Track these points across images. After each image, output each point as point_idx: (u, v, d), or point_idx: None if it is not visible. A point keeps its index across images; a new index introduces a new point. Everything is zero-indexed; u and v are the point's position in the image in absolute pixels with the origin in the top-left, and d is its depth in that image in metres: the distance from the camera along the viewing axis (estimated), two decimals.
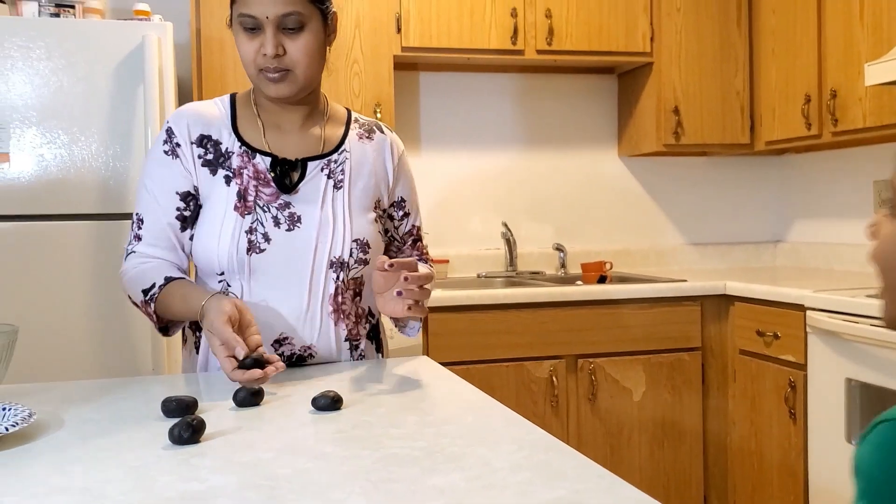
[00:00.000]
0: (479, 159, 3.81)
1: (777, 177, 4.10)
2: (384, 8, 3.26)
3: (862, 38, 2.96)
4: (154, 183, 1.58)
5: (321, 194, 1.59)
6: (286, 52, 1.51)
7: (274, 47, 1.50)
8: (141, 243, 1.58)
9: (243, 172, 1.57)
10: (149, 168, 1.59)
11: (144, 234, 1.58)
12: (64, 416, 1.22)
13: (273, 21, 1.49)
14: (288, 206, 1.57)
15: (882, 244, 0.92)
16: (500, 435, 1.10)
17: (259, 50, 1.51)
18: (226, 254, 1.52)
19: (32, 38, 2.58)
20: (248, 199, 1.55)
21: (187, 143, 1.57)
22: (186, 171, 1.57)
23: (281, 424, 1.17)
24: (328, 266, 1.57)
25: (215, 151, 1.58)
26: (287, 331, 1.56)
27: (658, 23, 3.54)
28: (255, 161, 1.58)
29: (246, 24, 1.50)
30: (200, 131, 1.59)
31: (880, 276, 0.92)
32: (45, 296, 2.60)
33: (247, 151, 1.58)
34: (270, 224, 1.55)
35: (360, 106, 3.23)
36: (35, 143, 2.58)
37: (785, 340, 2.89)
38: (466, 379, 1.49)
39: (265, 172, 1.57)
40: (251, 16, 1.49)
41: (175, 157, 1.57)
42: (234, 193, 1.55)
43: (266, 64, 1.51)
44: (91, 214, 2.63)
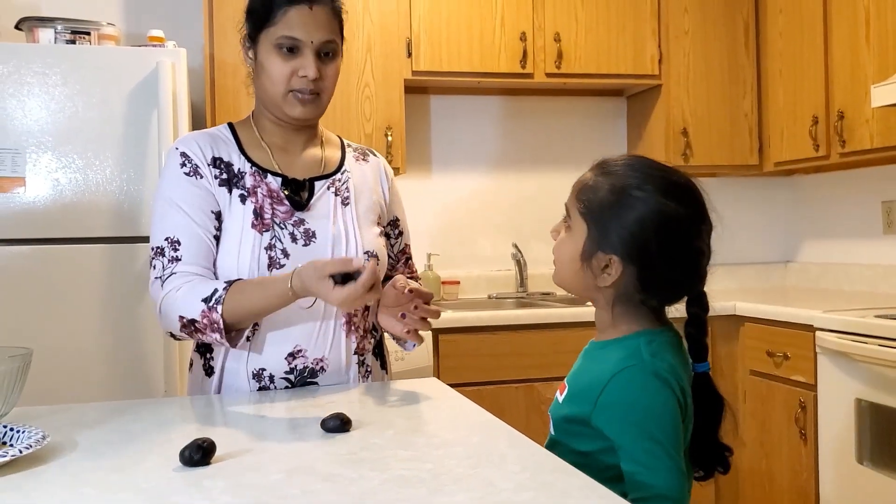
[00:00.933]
0: (490, 181, 3.83)
1: (786, 197, 4.10)
2: (395, 33, 3.30)
3: (868, 59, 2.98)
4: (187, 203, 1.57)
5: (331, 210, 1.65)
6: (322, 77, 1.59)
7: (315, 70, 1.57)
8: (181, 263, 1.54)
9: (257, 191, 1.61)
10: (174, 191, 1.58)
11: (184, 254, 1.55)
12: (77, 439, 1.24)
13: (315, 47, 1.57)
14: (302, 222, 1.62)
15: (556, 248, 1.35)
16: (506, 456, 1.12)
17: (295, 72, 1.57)
18: (247, 270, 1.56)
19: (49, 65, 2.63)
20: (265, 216, 1.59)
21: (204, 164, 1.61)
22: (210, 191, 1.60)
23: (290, 446, 1.19)
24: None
25: (228, 171, 1.62)
26: (301, 343, 1.60)
27: (666, 45, 3.57)
28: (267, 180, 1.62)
29: (285, 45, 1.56)
30: (212, 153, 1.63)
31: (554, 264, 1.36)
32: (60, 318, 2.63)
33: (258, 171, 1.63)
34: (288, 240, 1.59)
35: (372, 129, 3.26)
36: (50, 168, 2.62)
37: (795, 361, 2.89)
38: (477, 400, 1.50)
39: (278, 191, 1.62)
40: (295, 38, 1.56)
41: (200, 178, 1.60)
42: (250, 212, 1.59)
43: (302, 86, 1.58)
44: (105, 238, 2.66)
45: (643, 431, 1.18)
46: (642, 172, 1.26)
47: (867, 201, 3.57)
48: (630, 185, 1.25)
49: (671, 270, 1.25)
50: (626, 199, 1.24)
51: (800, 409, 2.85)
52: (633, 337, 1.27)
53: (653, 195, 1.23)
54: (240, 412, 1.42)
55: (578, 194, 1.31)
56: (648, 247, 1.22)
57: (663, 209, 1.22)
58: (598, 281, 1.27)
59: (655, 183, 1.24)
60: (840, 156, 3.16)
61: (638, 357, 1.23)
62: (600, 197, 1.27)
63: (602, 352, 1.30)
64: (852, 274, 3.64)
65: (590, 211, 1.27)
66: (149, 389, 2.66)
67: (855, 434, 2.61)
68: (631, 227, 1.23)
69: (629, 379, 1.21)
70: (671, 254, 1.23)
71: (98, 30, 2.86)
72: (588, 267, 1.27)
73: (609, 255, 1.25)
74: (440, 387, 1.63)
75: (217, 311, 1.46)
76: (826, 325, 2.72)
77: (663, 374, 1.21)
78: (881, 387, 2.51)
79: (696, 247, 1.26)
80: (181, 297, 1.50)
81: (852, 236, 3.68)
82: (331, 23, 1.60)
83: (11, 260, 2.60)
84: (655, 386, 1.21)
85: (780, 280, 4.09)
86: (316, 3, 1.58)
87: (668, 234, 1.23)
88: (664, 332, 1.30)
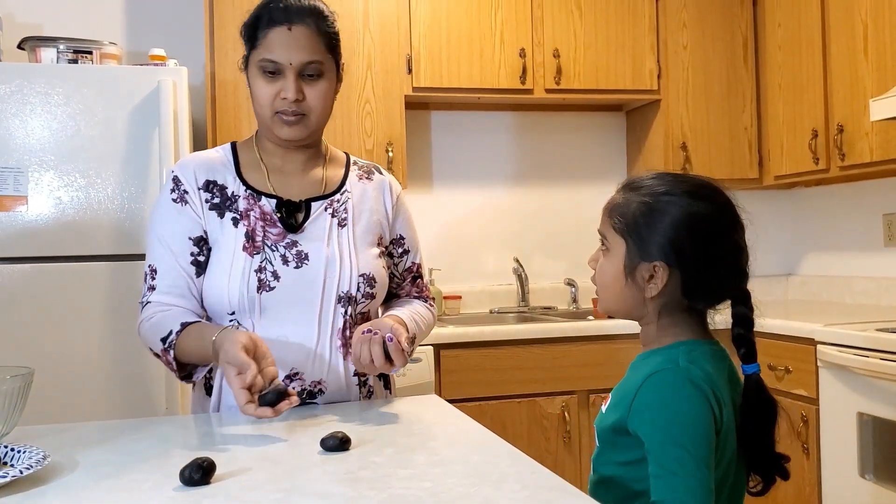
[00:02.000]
0: (491, 196, 3.84)
1: (787, 211, 4.11)
2: (395, 49, 3.32)
3: (867, 73, 2.99)
4: (166, 231, 1.61)
5: (326, 232, 1.64)
6: (304, 98, 1.58)
7: (295, 92, 1.56)
8: (155, 293, 1.60)
9: (250, 214, 1.61)
10: (158, 217, 1.63)
11: (158, 283, 1.60)
12: (78, 458, 1.24)
13: (296, 68, 1.56)
14: (295, 244, 1.61)
15: (598, 274, 1.36)
16: (506, 474, 1.12)
17: (278, 94, 1.57)
18: (236, 293, 1.56)
19: (51, 84, 2.65)
20: (256, 239, 1.59)
21: (194, 189, 1.62)
22: (196, 216, 1.61)
23: (290, 465, 1.19)
24: (336, 301, 1.61)
25: (221, 195, 1.63)
26: (297, 366, 1.59)
27: (665, 60, 3.58)
28: (260, 203, 1.63)
29: (267, 69, 1.57)
30: (206, 177, 1.64)
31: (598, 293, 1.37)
32: (62, 336, 2.63)
33: (252, 194, 1.63)
34: (279, 262, 1.58)
35: (373, 145, 3.28)
36: (53, 186, 2.64)
37: (796, 375, 2.89)
38: (479, 416, 1.51)
39: (271, 213, 1.62)
40: (274, 61, 1.56)
41: (184, 204, 1.62)
42: (241, 234, 1.60)
43: (284, 107, 1.58)
44: (107, 255, 2.68)
45: (670, 436, 1.18)
46: (669, 181, 1.30)
47: (868, 214, 3.58)
48: (659, 192, 1.28)
49: (712, 269, 1.27)
50: (658, 205, 1.27)
51: (802, 423, 2.85)
52: (675, 346, 1.29)
53: (683, 198, 1.27)
54: (239, 430, 1.42)
55: (610, 213, 1.34)
56: (686, 248, 1.25)
57: (695, 209, 1.26)
58: (646, 293, 1.29)
59: (683, 188, 1.29)
60: (840, 169, 3.17)
61: (674, 362, 1.24)
62: (633, 210, 1.30)
63: (644, 361, 1.32)
64: (854, 287, 3.64)
65: (626, 225, 1.30)
66: (150, 407, 2.66)
67: (857, 448, 2.61)
68: (667, 231, 1.26)
69: (661, 381, 1.23)
70: (710, 252, 1.27)
71: (100, 49, 2.87)
72: (633, 281, 1.29)
73: (652, 263, 1.27)
74: (440, 404, 1.63)
75: (170, 353, 1.53)
76: (827, 339, 2.72)
77: (697, 380, 1.22)
78: (883, 400, 2.50)
79: (734, 242, 1.29)
80: (147, 331, 1.58)
81: (853, 249, 3.68)
82: (313, 43, 1.58)
83: (14, 278, 2.61)
84: (687, 391, 1.21)
85: (782, 293, 4.08)
86: (295, 24, 1.56)
87: (704, 233, 1.27)
88: (707, 343, 1.31)
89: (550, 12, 3.46)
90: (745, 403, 1.27)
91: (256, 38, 1.58)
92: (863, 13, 2.99)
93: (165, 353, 1.54)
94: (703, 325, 1.33)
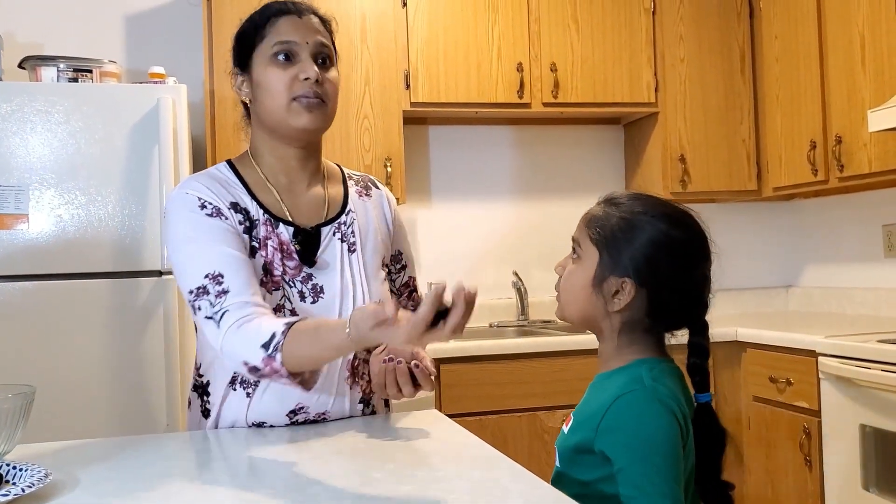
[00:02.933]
0: (489, 210, 3.85)
1: (787, 222, 4.11)
2: (393, 65, 3.33)
3: (864, 84, 3.00)
4: (219, 236, 1.47)
5: (339, 261, 1.59)
6: (323, 82, 1.54)
7: (315, 72, 1.52)
8: (230, 296, 1.42)
9: (268, 243, 1.53)
10: (198, 230, 1.48)
11: (230, 285, 1.42)
12: (79, 476, 1.24)
13: (311, 48, 1.54)
14: (311, 277, 1.55)
15: (564, 280, 1.38)
16: (507, 490, 1.12)
17: (295, 77, 1.51)
18: None
19: (52, 103, 2.66)
20: (275, 273, 1.52)
21: (226, 206, 1.52)
22: (238, 233, 1.51)
23: (290, 482, 1.19)
24: None
25: (248, 219, 1.54)
26: (303, 401, 1.54)
27: (662, 73, 3.60)
28: (278, 231, 1.55)
29: (281, 52, 1.52)
30: (230, 199, 1.54)
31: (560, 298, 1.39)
32: (63, 354, 2.63)
33: (270, 220, 1.55)
34: (297, 299, 1.53)
35: (371, 160, 3.29)
36: (53, 204, 2.64)
37: (798, 387, 2.89)
38: (479, 430, 1.51)
39: (288, 244, 1.55)
40: (289, 41, 1.52)
41: (225, 219, 1.50)
42: (259, 267, 1.51)
43: (304, 90, 1.51)
44: (108, 273, 2.68)
45: (643, 456, 1.20)
46: (648, 202, 1.33)
47: (868, 225, 3.58)
48: (639, 211, 1.31)
49: (679, 295, 1.30)
50: (637, 223, 1.30)
51: (804, 436, 2.84)
52: (636, 365, 1.30)
53: (662, 221, 1.30)
54: (240, 447, 1.42)
55: (588, 224, 1.36)
56: (658, 269, 1.28)
57: (672, 234, 1.29)
58: (610, 306, 1.31)
59: (663, 211, 1.32)
60: (839, 180, 3.17)
61: (640, 382, 1.26)
62: (612, 224, 1.32)
63: (606, 381, 1.33)
64: (854, 298, 3.64)
65: (602, 237, 1.32)
66: (151, 424, 2.66)
67: (860, 460, 2.60)
68: (644, 249, 1.28)
69: (631, 403, 1.24)
70: (679, 277, 1.29)
71: (100, 67, 2.89)
72: (599, 293, 1.31)
73: (622, 278, 1.29)
74: (441, 419, 1.63)
75: (276, 359, 1.34)
76: (828, 351, 2.72)
77: (665, 399, 1.24)
78: (885, 412, 2.50)
79: (702, 273, 1.32)
80: (240, 340, 1.38)
81: (853, 260, 3.69)
82: (323, 33, 1.57)
83: (15, 296, 2.61)
84: (657, 410, 1.23)
85: (783, 305, 4.08)
86: (305, 14, 1.56)
87: (678, 258, 1.29)
88: (665, 361, 1.33)
89: (547, 27, 3.48)
90: (696, 431, 1.29)
91: (263, 29, 1.55)
92: (860, 24, 3.01)
93: (270, 360, 1.34)
94: (660, 345, 1.36)
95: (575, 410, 1.37)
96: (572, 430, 1.33)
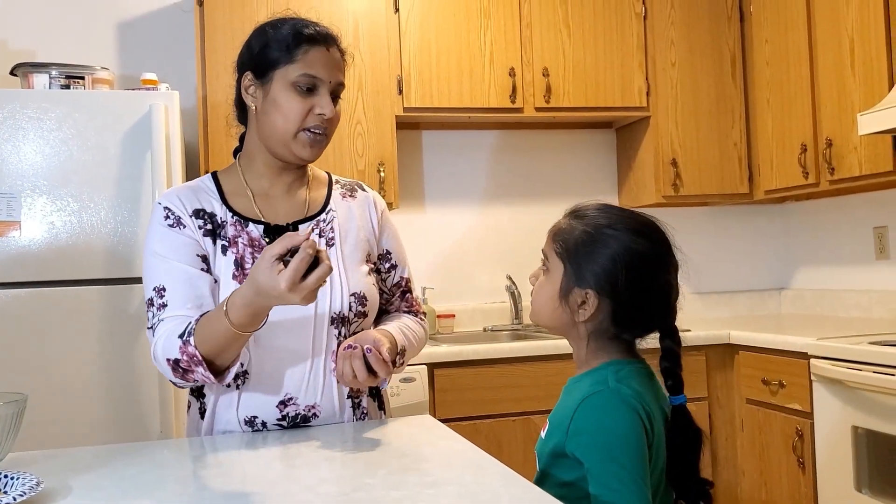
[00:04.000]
0: (483, 214, 3.86)
1: (779, 225, 4.13)
2: (386, 70, 3.34)
3: (854, 87, 3.02)
4: (171, 250, 1.57)
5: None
6: (332, 118, 1.61)
7: (331, 109, 1.59)
8: (167, 309, 1.53)
9: (238, 241, 1.60)
10: (156, 240, 1.59)
11: (170, 299, 1.53)
12: (71, 484, 1.24)
13: (331, 87, 1.60)
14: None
15: (535, 291, 1.41)
16: (499, 495, 1.12)
17: (311, 110, 1.57)
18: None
19: (44, 110, 2.66)
20: (246, 266, 1.58)
21: (186, 215, 1.60)
22: (195, 240, 1.59)
23: (283, 487, 1.19)
24: (329, 323, 1.60)
25: (212, 222, 1.61)
26: (291, 391, 1.58)
27: (654, 77, 3.61)
28: (248, 229, 1.61)
29: (305, 84, 1.57)
30: (194, 206, 1.62)
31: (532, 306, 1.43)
32: (56, 361, 2.63)
33: (239, 220, 1.62)
34: None
35: (364, 165, 3.29)
36: (45, 211, 2.64)
37: (791, 389, 2.90)
38: (473, 435, 1.52)
39: (259, 239, 1.61)
40: (316, 76, 1.57)
41: (182, 227, 1.59)
42: (231, 262, 1.58)
43: (317, 123, 1.58)
44: (100, 279, 2.68)
45: (609, 455, 1.23)
46: (613, 214, 1.36)
47: (859, 227, 3.60)
48: (602, 224, 1.34)
49: (642, 304, 1.33)
50: (599, 237, 1.33)
51: (797, 438, 2.85)
52: (603, 367, 1.34)
53: (623, 233, 1.33)
54: (233, 453, 1.42)
55: (554, 237, 1.40)
56: (619, 281, 1.30)
57: (633, 246, 1.32)
58: (576, 316, 1.34)
59: (625, 223, 1.34)
60: (829, 183, 3.19)
61: (604, 384, 1.30)
62: (575, 237, 1.36)
63: (576, 385, 1.38)
64: (847, 300, 3.66)
65: (566, 251, 1.36)
66: (145, 431, 2.66)
67: (853, 462, 2.61)
68: (604, 263, 1.31)
69: (595, 404, 1.28)
70: (641, 287, 1.32)
71: (92, 74, 2.89)
72: (566, 304, 1.35)
73: (585, 290, 1.33)
74: (434, 424, 1.64)
75: (190, 342, 1.43)
76: (820, 353, 2.73)
77: (628, 398, 1.27)
78: (878, 414, 2.51)
79: (665, 281, 1.35)
80: (165, 340, 1.48)
81: (845, 262, 3.70)
82: (342, 68, 1.63)
83: (7, 303, 2.61)
84: (620, 410, 1.26)
85: (775, 307, 4.10)
86: (333, 46, 1.61)
87: (638, 270, 1.32)
88: (634, 362, 1.36)
89: (539, 31, 3.49)
90: (672, 433, 1.32)
91: (294, 53, 1.57)
92: (849, 28, 3.03)
93: (185, 346, 1.43)
94: (631, 348, 1.38)
95: (550, 415, 1.41)
96: (548, 435, 1.36)
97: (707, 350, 3.25)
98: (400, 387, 2.87)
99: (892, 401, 2.44)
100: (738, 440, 3.23)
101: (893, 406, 2.44)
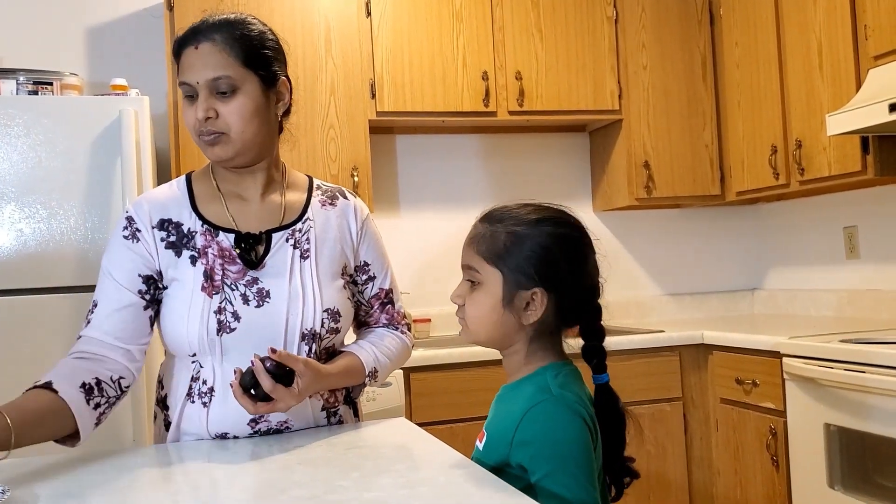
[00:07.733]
0: (458, 218, 3.85)
1: (750, 226, 4.16)
2: (358, 75, 3.33)
3: (822, 88, 3.05)
4: (114, 267, 1.56)
5: (288, 266, 1.58)
6: (218, 116, 1.51)
7: (204, 111, 1.50)
8: (88, 327, 1.56)
9: (208, 251, 1.55)
10: (108, 256, 1.58)
11: (94, 318, 1.55)
12: (38, 492, 1.23)
13: (205, 86, 1.51)
14: (256, 281, 1.55)
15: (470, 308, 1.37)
16: (471, 495, 1.12)
17: (195, 115, 1.52)
18: (196, 336, 1.51)
19: (11, 116, 2.62)
20: (216, 278, 1.54)
21: (147, 227, 1.57)
22: (148, 254, 1.56)
23: (255, 492, 1.18)
24: (300, 339, 1.56)
25: (178, 233, 1.57)
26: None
27: (626, 81, 3.63)
28: (218, 239, 1.56)
29: (186, 92, 1.53)
30: (160, 216, 1.58)
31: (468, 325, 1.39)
32: (27, 370, 2.58)
33: (209, 230, 1.57)
34: (239, 302, 1.53)
35: (338, 170, 3.28)
36: (14, 219, 2.61)
37: (764, 388, 2.92)
38: (450, 438, 1.51)
39: (230, 250, 1.56)
40: (187, 83, 1.52)
41: (136, 241, 1.56)
42: (200, 274, 1.54)
43: (202, 128, 1.52)
44: (71, 287, 2.64)
45: (558, 465, 1.21)
46: (529, 210, 1.35)
47: (829, 228, 3.64)
48: (524, 222, 1.33)
49: (581, 288, 1.33)
50: (526, 235, 1.32)
51: (771, 436, 2.87)
52: (541, 372, 1.32)
53: (547, 225, 1.32)
54: (203, 459, 1.40)
55: (477, 247, 1.38)
56: (560, 270, 1.30)
57: (561, 233, 1.32)
58: (524, 319, 1.32)
59: (544, 215, 1.34)
60: (800, 184, 3.22)
61: (547, 391, 1.28)
62: (503, 241, 1.33)
63: (513, 392, 1.35)
64: (818, 300, 3.69)
65: (497, 257, 1.33)
66: (118, 439, 2.62)
67: (825, 459, 2.63)
68: (541, 257, 1.30)
69: (542, 413, 1.25)
70: (578, 271, 1.32)
71: (60, 80, 2.86)
72: (511, 310, 1.32)
73: (531, 290, 1.30)
74: (408, 426, 1.63)
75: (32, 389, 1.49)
76: (792, 352, 2.75)
77: (573, 405, 1.26)
78: (849, 411, 2.53)
79: (594, 261, 1.35)
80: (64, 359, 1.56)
81: (816, 262, 3.74)
82: (220, 59, 1.51)
83: None
84: (568, 418, 1.25)
85: (748, 308, 4.13)
86: (202, 42, 1.52)
87: (572, 255, 1.32)
88: (567, 364, 1.36)
89: (511, 35, 3.50)
90: (598, 411, 1.32)
91: (179, 62, 1.55)
92: (817, 30, 3.06)
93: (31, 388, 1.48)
94: (561, 347, 1.38)
95: (486, 425, 1.37)
96: (487, 448, 1.33)
97: (681, 350, 3.27)
98: (376, 391, 2.86)
99: (863, 398, 2.46)
100: (713, 440, 3.24)
101: (864, 403, 2.46)
